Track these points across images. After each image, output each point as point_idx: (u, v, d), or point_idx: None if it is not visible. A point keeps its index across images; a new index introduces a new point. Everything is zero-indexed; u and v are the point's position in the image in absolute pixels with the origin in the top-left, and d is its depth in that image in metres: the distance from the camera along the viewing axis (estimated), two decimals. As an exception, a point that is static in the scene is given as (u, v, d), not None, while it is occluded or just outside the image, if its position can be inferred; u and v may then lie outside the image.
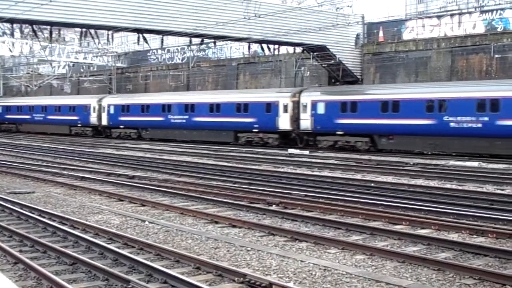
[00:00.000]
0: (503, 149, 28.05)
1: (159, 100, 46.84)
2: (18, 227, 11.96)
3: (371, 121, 32.74)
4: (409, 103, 31.41)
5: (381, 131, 32.77)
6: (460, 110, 29.35)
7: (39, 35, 36.88)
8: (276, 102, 37.64)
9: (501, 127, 27.80)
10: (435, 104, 30.47)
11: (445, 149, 30.59)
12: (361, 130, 33.47)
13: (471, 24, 38.96)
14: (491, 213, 13.19)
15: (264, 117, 38.06)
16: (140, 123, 47.44)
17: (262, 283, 7.83)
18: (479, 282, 8.36)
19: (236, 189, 17.45)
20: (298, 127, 36.67)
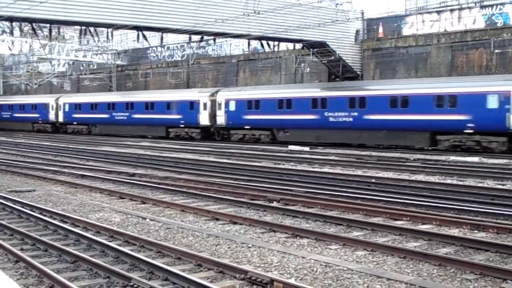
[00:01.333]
0: (368, 139, 33.59)
1: (105, 99, 52.32)
2: (19, 225, 11.97)
3: (271, 116, 37.79)
4: (299, 101, 36.61)
5: (278, 126, 37.76)
6: (337, 107, 34.50)
7: (39, 33, 36.79)
8: (198, 100, 42.46)
9: (367, 121, 33.01)
10: (318, 102, 35.61)
11: (327, 140, 35.32)
12: (263, 124, 38.52)
13: (471, 19, 38.90)
14: (492, 208, 13.20)
15: (189, 114, 42.73)
16: (90, 120, 53.07)
17: (263, 279, 7.84)
18: (480, 277, 8.36)
19: (237, 186, 17.45)
20: (215, 122, 41.34)
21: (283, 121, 37.16)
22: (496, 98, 28.40)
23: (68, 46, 56.81)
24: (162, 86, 56.30)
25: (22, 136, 49.79)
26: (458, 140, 30.00)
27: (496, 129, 28.48)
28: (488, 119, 28.52)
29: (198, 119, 42.26)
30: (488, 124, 28.60)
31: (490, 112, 28.49)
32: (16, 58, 67.32)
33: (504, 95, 28.17)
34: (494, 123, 28.32)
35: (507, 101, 28.03)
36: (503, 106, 28.04)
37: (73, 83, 66.49)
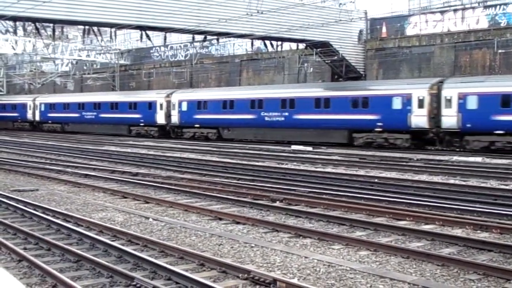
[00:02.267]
0: (298, 137, 36.66)
1: (76, 99, 56.11)
2: (22, 224, 11.99)
3: (217, 116, 41.23)
4: (240, 102, 40.08)
5: (223, 124, 41.23)
6: (271, 107, 37.86)
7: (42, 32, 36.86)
8: (155, 101, 46.01)
9: (296, 120, 36.42)
10: (256, 103, 38.89)
11: (263, 137, 38.89)
12: (210, 123, 41.95)
13: (474, 19, 38.85)
14: (495, 208, 13.18)
15: (147, 114, 46.48)
16: (62, 119, 56.80)
17: (266, 279, 7.84)
18: (483, 277, 8.35)
19: (240, 186, 17.46)
20: (170, 121, 44.84)
21: (226, 120, 40.73)
22: (400, 100, 32.17)
23: (71, 45, 56.88)
24: (165, 85, 56.30)
25: (26, 136, 49.87)
26: (370, 137, 33.41)
27: (400, 127, 32.21)
28: (393, 119, 32.24)
29: (156, 118, 45.96)
30: (393, 123, 32.31)
31: (395, 113, 32.20)
32: (19, 58, 67.39)
33: (406, 98, 31.94)
34: (398, 122, 32.09)
35: (409, 102, 31.75)
36: (406, 107, 31.87)
37: (76, 82, 66.55)
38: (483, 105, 29.19)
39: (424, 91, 31.58)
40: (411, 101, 31.56)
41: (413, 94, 31.67)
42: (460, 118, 29.95)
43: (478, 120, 29.20)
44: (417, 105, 31.44)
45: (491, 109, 28.87)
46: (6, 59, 69.73)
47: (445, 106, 30.63)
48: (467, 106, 29.80)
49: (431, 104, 31.22)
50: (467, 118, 29.67)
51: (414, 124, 31.56)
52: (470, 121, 29.57)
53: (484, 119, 28.95)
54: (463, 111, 29.87)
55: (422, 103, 31.36)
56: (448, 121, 30.44)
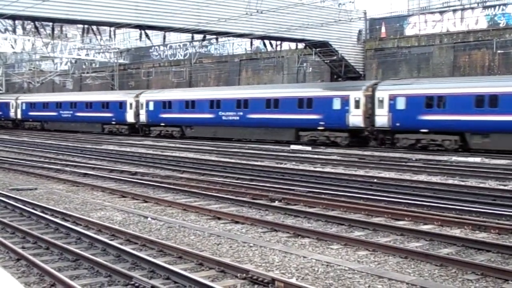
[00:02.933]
0: (251, 135, 39.53)
1: (54, 99, 58.69)
2: (20, 223, 11.99)
3: (180, 115, 44.01)
4: (200, 102, 42.66)
5: (186, 123, 43.79)
6: (228, 107, 40.39)
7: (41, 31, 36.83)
8: (125, 101, 48.85)
9: (249, 119, 38.86)
10: (214, 103, 41.46)
11: (221, 135, 41.05)
12: (175, 122, 44.58)
13: (473, 19, 38.87)
14: (494, 209, 13.18)
15: (118, 113, 49.13)
16: (42, 117, 59.21)
17: (265, 279, 7.84)
18: (482, 277, 8.36)
19: (239, 185, 17.45)
20: (139, 120, 47.40)
21: (188, 119, 43.49)
22: (339, 101, 34.64)
23: (70, 44, 56.86)
24: (164, 85, 56.32)
25: (25, 135, 49.86)
26: (314, 135, 35.84)
27: (339, 126, 34.69)
28: (334, 118, 34.75)
29: (126, 117, 48.81)
30: (334, 122, 34.81)
31: (335, 113, 34.69)
32: (18, 56, 67.37)
33: (345, 99, 34.40)
34: (338, 121, 34.63)
35: (347, 103, 34.21)
36: (344, 108, 34.32)
37: (75, 81, 66.51)
38: (410, 106, 31.68)
39: (360, 93, 34.01)
40: (349, 102, 34.12)
41: (350, 95, 34.22)
42: (391, 118, 32.35)
43: (405, 119, 31.70)
44: (354, 106, 33.95)
45: (416, 110, 31.30)
46: (5, 58, 69.71)
47: (378, 107, 32.98)
48: (396, 107, 32.16)
49: (366, 105, 33.59)
50: (396, 118, 32.09)
51: (352, 123, 34.03)
52: (399, 121, 31.98)
53: (410, 118, 31.43)
54: (393, 111, 32.25)
55: (358, 104, 33.84)
56: (381, 120, 32.85)
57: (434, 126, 30.72)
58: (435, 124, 30.64)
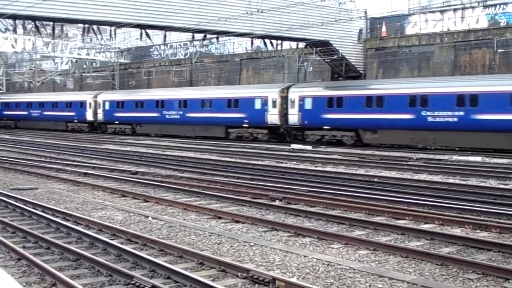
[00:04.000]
0: (190, 132, 43.91)
1: (25, 99, 63.71)
2: (21, 223, 11.99)
3: (131, 114, 48.57)
4: (148, 102, 47.46)
5: (136, 121, 48.56)
6: (171, 107, 45.34)
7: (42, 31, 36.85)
8: (85, 101, 53.51)
9: (188, 117, 43.70)
10: (160, 103, 46.32)
11: (165, 132, 45.58)
12: (126, 120, 49.26)
13: (474, 18, 38.83)
14: (495, 208, 13.18)
15: (79, 112, 53.86)
16: (15, 116, 64.69)
17: (266, 278, 7.84)
18: (482, 276, 8.35)
19: (239, 185, 17.45)
20: (97, 118, 52.14)
21: (138, 118, 48.24)
22: (260, 101, 39.14)
23: (71, 44, 56.85)
24: (165, 84, 56.36)
25: (25, 134, 49.88)
26: (240, 132, 40.10)
27: (260, 123, 39.21)
28: (256, 117, 39.18)
29: (86, 115, 53.47)
30: (256, 120, 39.25)
31: (257, 112, 39.13)
32: (19, 56, 67.42)
33: (264, 99, 38.84)
34: (259, 119, 39.10)
35: (266, 103, 38.69)
36: (264, 107, 38.78)
37: (76, 81, 66.55)
38: (315, 106, 36.17)
39: (276, 94, 38.32)
40: (268, 102, 38.55)
41: (268, 96, 38.59)
42: (300, 116, 36.79)
43: (312, 118, 36.23)
44: (271, 106, 38.32)
45: (320, 109, 35.83)
46: (5, 57, 69.70)
47: (290, 107, 37.41)
48: (305, 107, 36.66)
49: (281, 105, 37.91)
50: (305, 116, 36.56)
51: (270, 121, 38.58)
52: (307, 119, 36.51)
53: (316, 117, 35.98)
54: (302, 110, 36.71)
55: (275, 104, 38.21)
56: (292, 118, 37.26)
57: (335, 123, 35.15)
58: (335, 122, 35.12)
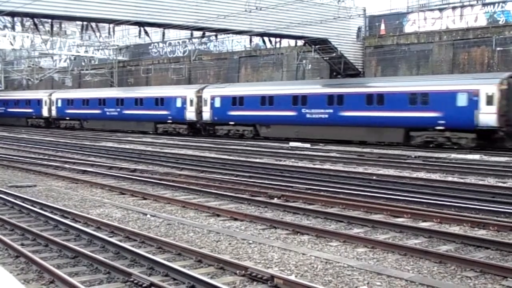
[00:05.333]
0: (126, 127, 49.09)
1: None
2: (19, 220, 11.98)
3: (79, 111, 54.19)
4: (92, 100, 52.72)
5: (83, 117, 54.17)
6: (110, 104, 50.45)
7: (40, 28, 36.78)
8: (41, 99, 58.76)
9: (124, 114, 49.04)
10: (101, 101, 51.60)
11: (106, 127, 50.71)
12: (75, 116, 55.09)
13: (473, 17, 38.85)
14: (493, 206, 13.19)
15: (37, 108, 59.15)
16: None
17: (264, 276, 7.84)
18: (480, 274, 8.36)
19: (238, 182, 17.45)
20: (51, 114, 57.75)
21: (84, 114, 53.94)
22: (180, 100, 44.43)
23: (69, 41, 56.77)
24: (163, 82, 56.36)
25: (24, 132, 49.86)
26: (165, 128, 45.57)
27: (181, 120, 44.25)
28: (177, 114, 44.49)
29: (42, 112, 58.48)
30: (177, 117, 44.59)
31: (178, 109, 44.41)
32: (17, 53, 67.30)
33: (183, 98, 44.09)
34: (179, 116, 44.27)
35: (185, 102, 43.89)
36: (183, 105, 44.00)
37: (74, 78, 66.49)
38: (223, 104, 41.16)
39: (193, 94, 43.52)
40: (186, 101, 43.95)
41: (187, 96, 43.90)
42: (212, 113, 41.96)
43: (220, 114, 41.37)
44: (189, 104, 43.57)
45: (227, 107, 40.83)
46: (4, 55, 69.62)
47: (203, 105, 42.51)
48: (215, 105, 41.68)
49: (198, 103, 43.05)
50: (215, 113, 41.72)
51: (188, 117, 43.66)
52: (217, 115, 41.65)
53: (223, 114, 41.10)
54: (213, 108, 41.81)
55: (192, 103, 43.38)
56: (205, 115, 42.42)
57: (238, 119, 40.37)
58: (238, 118, 40.34)
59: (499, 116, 28.79)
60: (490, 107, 28.92)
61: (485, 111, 29.00)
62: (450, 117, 29.97)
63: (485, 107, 29.00)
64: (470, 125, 29.46)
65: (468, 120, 29.37)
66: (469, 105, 29.38)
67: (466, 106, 29.52)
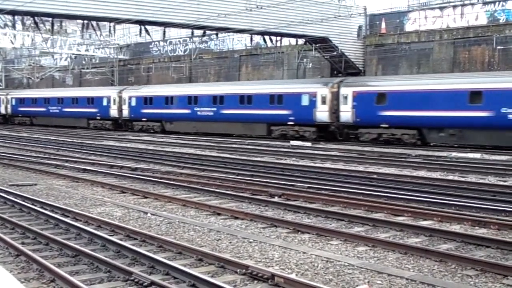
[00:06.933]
0: (65, 122, 55.12)
1: None
2: (20, 219, 11.98)
3: (30, 109, 59.58)
4: (40, 100, 58.39)
5: (33, 115, 59.53)
6: (53, 103, 56.87)
7: (41, 27, 36.83)
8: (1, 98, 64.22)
9: (64, 112, 55.37)
10: (46, 100, 57.68)
11: (49, 123, 56.55)
12: (27, 114, 60.52)
13: (473, 15, 38.85)
14: (493, 205, 13.17)
15: None
16: None
17: (264, 274, 7.84)
18: (481, 273, 8.36)
19: (239, 181, 17.45)
20: (7, 112, 63.41)
21: (34, 112, 59.25)
22: (106, 100, 50.50)
23: (70, 40, 56.84)
24: (164, 80, 56.37)
25: (24, 130, 49.86)
26: (95, 123, 51.78)
27: (107, 116, 50.58)
28: (103, 111, 50.73)
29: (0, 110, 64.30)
30: (104, 114, 50.79)
31: (104, 108, 50.75)
32: (18, 52, 67.31)
33: (107, 98, 50.44)
34: (104, 113, 50.69)
35: (109, 101, 50.06)
36: (108, 104, 50.22)
37: (75, 77, 66.53)
38: (137, 103, 47.57)
39: (115, 94, 49.70)
40: (110, 100, 49.99)
41: (111, 96, 50.01)
42: (129, 111, 48.36)
43: (136, 112, 47.69)
44: (113, 103, 49.64)
45: (140, 106, 47.19)
46: (4, 53, 69.61)
47: (123, 104, 48.86)
48: (131, 104, 48.05)
49: (119, 103, 49.15)
50: (132, 111, 48.10)
51: (112, 115, 50.12)
52: (133, 113, 48.02)
53: (137, 111, 47.55)
54: (130, 107, 48.23)
55: (115, 102, 49.39)
56: (125, 113, 48.83)
57: (148, 116, 46.79)
58: (148, 115, 46.85)
59: (330, 113, 35.17)
60: (324, 106, 35.31)
61: (320, 109, 35.44)
62: (297, 114, 36.42)
63: (321, 106, 35.44)
64: (311, 121, 35.94)
65: (310, 116, 35.84)
66: (310, 104, 35.86)
67: (308, 105, 35.98)
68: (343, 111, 34.30)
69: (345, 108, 34.22)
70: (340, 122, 34.81)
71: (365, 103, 33.34)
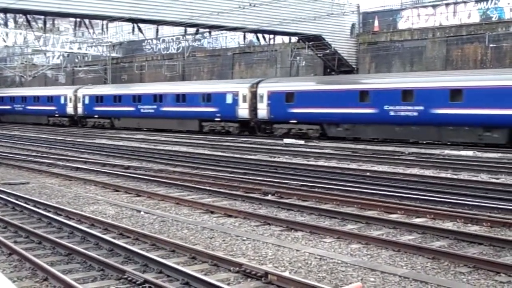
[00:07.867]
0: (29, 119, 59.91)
1: None
2: (13, 218, 11.95)
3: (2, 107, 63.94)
4: (18, 98, 62.22)
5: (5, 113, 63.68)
6: (17, 102, 61.87)
7: (33, 25, 36.68)
8: None
9: (27, 109, 60.46)
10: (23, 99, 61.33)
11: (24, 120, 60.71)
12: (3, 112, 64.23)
13: (466, 13, 38.93)
14: (486, 202, 13.22)
15: None
16: None
17: (258, 272, 7.84)
18: (474, 270, 8.39)
19: (232, 179, 17.45)
20: None
21: (4, 110, 63.60)
22: (63, 98, 55.14)
23: (62, 38, 56.58)
24: (157, 78, 56.26)
25: (17, 129, 49.72)
26: (54, 120, 56.43)
27: (64, 113, 55.06)
28: (61, 109, 55.39)
29: None
30: (61, 112, 55.42)
31: (62, 106, 55.38)
32: (10, 50, 66.95)
33: (64, 97, 55.05)
34: (62, 111, 55.16)
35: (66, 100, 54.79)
36: (65, 102, 54.68)
37: (68, 75, 66.29)
38: (90, 101, 52.07)
39: (71, 93, 54.15)
40: (67, 98, 54.56)
41: (67, 95, 54.68)
42: (83, 109, 52.91)
43: (88, 109, 52.18)
44: (69, 101, 54.16)
45: (92, 104, 51.58)
46: (-4, 52, 69.34)
47: (78, 102, 53.26)
48: (85, 102, 52.45)
49: (75, 101, 53.65)
50: (85, 109, 52.50)
51: (68, 112, 54.56)
52: (86, 110, 52.46)
53: (90, 109, 52.01)
54: (84, 104, 52.54)
55: (71, 100, 53.77)
56: (79, 110, 53.36)
57: (99, 113, 50.97)
58: (99, 112, 50.95)
59: (250, 110, 38.78)
60: (244, 104, 39.01)
61: (242, 107, 39.18)
62: (223, 111, 40.24)
63: (242, 104, 39.16)
64: (234, 117, 39.74)
65: (233, 113, 39.68)
66: (233, 102, 39.65)
67: (231, 103, 39.73)
68: (260, 108, 38.33)
69: (262, 106, 38.25)
70: (258, 119, 38.73)
71: (277, 102, 37.23)
